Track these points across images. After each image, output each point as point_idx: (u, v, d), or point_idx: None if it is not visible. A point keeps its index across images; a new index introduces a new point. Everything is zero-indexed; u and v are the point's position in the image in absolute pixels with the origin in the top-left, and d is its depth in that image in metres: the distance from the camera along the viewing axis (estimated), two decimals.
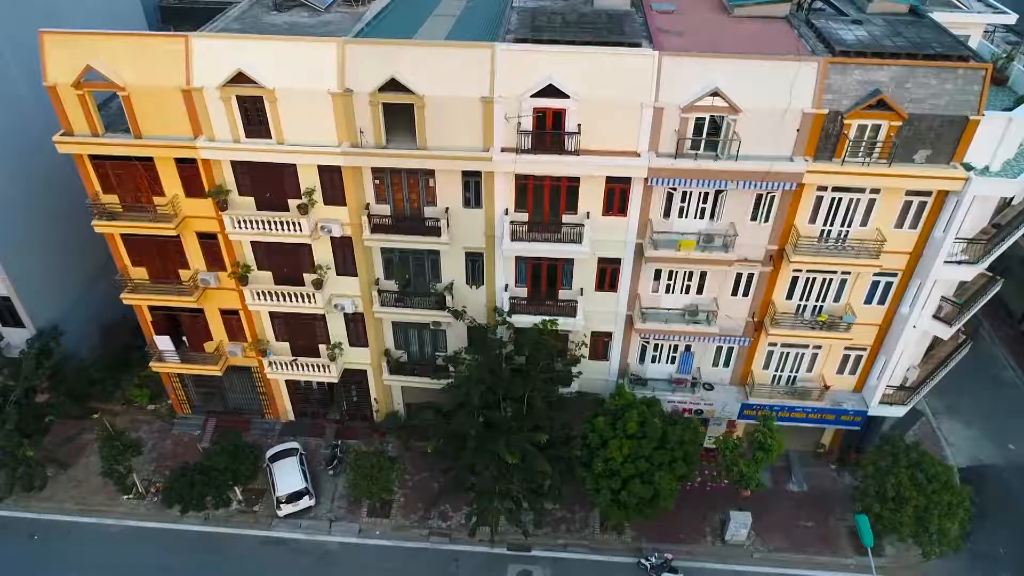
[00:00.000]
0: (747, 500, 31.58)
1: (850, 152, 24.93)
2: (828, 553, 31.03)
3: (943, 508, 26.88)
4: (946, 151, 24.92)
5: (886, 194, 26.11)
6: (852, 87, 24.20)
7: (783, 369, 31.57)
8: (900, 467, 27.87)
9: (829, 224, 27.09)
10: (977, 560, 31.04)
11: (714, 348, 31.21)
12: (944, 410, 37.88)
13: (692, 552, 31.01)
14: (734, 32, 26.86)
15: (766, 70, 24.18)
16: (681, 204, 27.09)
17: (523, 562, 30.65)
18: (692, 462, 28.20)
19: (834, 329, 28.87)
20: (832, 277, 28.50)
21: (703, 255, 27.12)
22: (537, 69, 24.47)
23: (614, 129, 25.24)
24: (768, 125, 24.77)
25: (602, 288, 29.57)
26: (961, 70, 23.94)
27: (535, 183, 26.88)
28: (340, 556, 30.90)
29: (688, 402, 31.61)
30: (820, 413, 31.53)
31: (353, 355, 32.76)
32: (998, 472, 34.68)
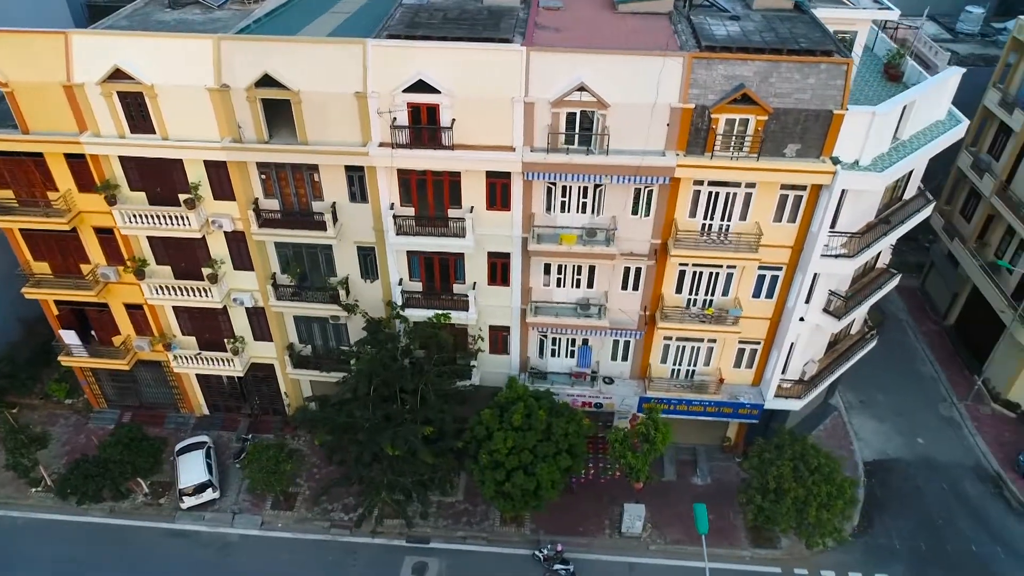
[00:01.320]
0: (641, 492, 31.82)
1: (720, 146, 25.19)
2: (725, 545, 31.25)
3: (822, 500, 27.07)
4: (815, 145, 25.16)
5: (761, 188, 26.37)
6: (718, 82, 24.45)
7: (681, 363, 31.84)
8: (783, 460, 28.07)
9: (709, 218, 27.34)
10: (872, 552, 31.27)
11: (611, 342, 31.48)
12: (858, 405, 38.13)
13: (590, 545, 31.26)
14: (614, 28, 27.13)
15: (632, 65, 24.43)
16: (562, 199, 27.35)
17: (421, 554, 30.91)
18: (577, 454, 28.42)
19: (722, 323, 29.11)
20: (718, 271, 28.74)
21: (585, 249, 27.35)
22: (408, 65, 24.75)
23: (488, 124, 25.51)
24: (638, 120, 25.03)
25: (494, 282, 29.84)
26: (824, 65, 24.18)
27: (418, 178, 27.17)
28: (240, 548, 31.19)
29: (587, 396, 31.88)
30: (718, 407, 31.75)
31: (259, 349, 33.10)
32: (903, 466, 34.89)
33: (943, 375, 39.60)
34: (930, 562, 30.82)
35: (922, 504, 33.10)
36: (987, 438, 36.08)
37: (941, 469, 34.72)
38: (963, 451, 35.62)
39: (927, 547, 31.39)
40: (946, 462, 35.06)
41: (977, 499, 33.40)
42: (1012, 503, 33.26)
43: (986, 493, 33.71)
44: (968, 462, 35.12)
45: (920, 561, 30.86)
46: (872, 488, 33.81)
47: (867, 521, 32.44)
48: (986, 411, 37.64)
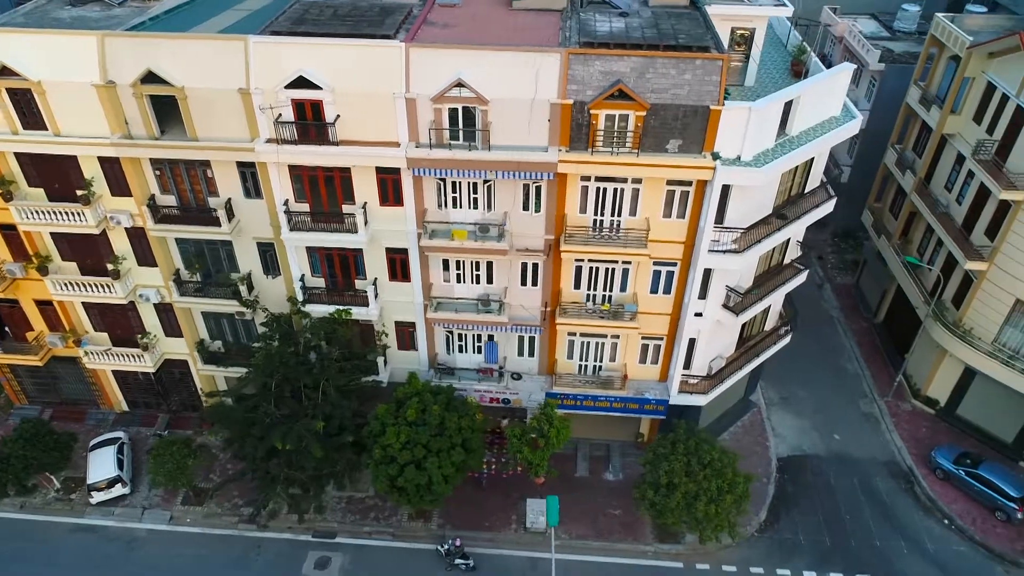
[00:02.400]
0: (543, 486, 31.96)
1: (603, 142, 25.32)
2: (630, 540, 31.37)
3: (712, 494, 27.16)
4: (696, 141, 25.28)
5: (648, 184, 26.50)
6: (595, 78, 24.57)
7: (587, 359, 31.94)
8: (677, 455, 28.17)
9: (599, 214, 27.46)
10: (776, 547, 31.40)
11: (516, 338, 31.62)
12: (780, 401, 38.24)
13: (495, 540, 31.39)
14: (504, 25, 27.24)
15: (509, 61, 24.55)
16: (454, 194, 27.48)
17: (325, 549, 31.06)
18: (471, 449, 28.54)
19: (620, 319, 29.23)
20: (614, 267, 28.87)
21: (477, 245, 27.46)
22: (290, 61, 24.89)
23: (373, 120, 25.64)
24: (519, 115, 25.17)
25: (395, 278, 29.97)
26: (699, 61, 24.31)
27: (310, 174, 27.31)
28: (147, 543, 31.35)
29: (495, 392, 32.01)
30: (624, 402, 31.87)
31: (171, 345, 33.26)
32: (817, 462, 34.99)
33: (867, 372, 39.71)
34: (832, 557, 30.92)
35: (831, 500, 33.20)
36: (904, 434, 36.17)
37: (854, 465, 34.83)
38: (879, 447, 35.72)
39: (831, 542, 31.51)
40: (860, 458, 35.17)
41: (887, 494, 33.50)
42: (921, 498, 33.36)
43: (896, 489, 33.81)
44: (882, 458, 35.22)
45: (822, 556, 30.96)
46: (783, 484, 33.92)
47: (774, 516, 32.55)
48: (906, 407, 37.74)
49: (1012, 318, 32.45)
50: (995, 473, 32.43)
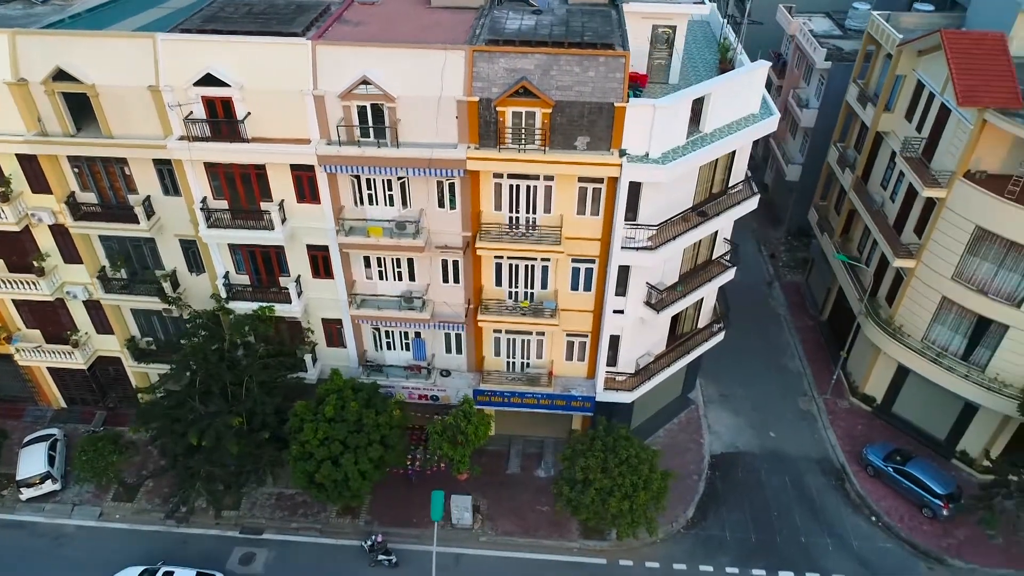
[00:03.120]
0: (466, 482, 32.10)
1: (512, 139, 25.41)
2: (556, 537, 31.45)
3: (626, 490, 27.24)
4: (604, 138, 25.36)
5: (560, 181, 26.58)
6: (500, 75, 24.66)
7: (514, 356, 32.02)
8: (594, 451, 28.26)
9: (514, 211, 27.55)
10: (701, 544, 31.48)
11: (442, 335, 31.71)
12: (719, 398, 38.30)
13: (420, 536, 31.45)
14: (418, 23, 27.33)
15: (414, 58, 24.65)
16: (369, 191, 27.58)
17: (251, 545, 31.18)
18: (390, 445, 28.65)
19: (540, 316, 29.30)
20: (533, 264, 28.95)
21: (393, 241, 27.56)
22: (198, 59, 24.99)
23: (284, 117, 25.75)
24: (428, 112, 25.26)
25: (319, 275, 30.08)
26: (602, 58, 24.40)
27: (226, 171, 27.42)
28: (75, 539, 31.47)
29: (422, 388, 32.12)
30: (551, 399, 31.94)
31: (103, 342, 33.40)
32: (750, 459, 35.06)
33: (809, 369, 39.76)
34: (757, 554, 31.00)
35: (761, 497, 33.27)
36: (839, 431, 36.24)
37: (788, 462, 34.90)
38: (813, 444, 35.78)
39: (757, 539, 31.59)
40: (794, 455, 35.24)
41: (817, 491, 33.57)
42: (851, 495, 33.43)
43: (827, 486, 33.88)
44: (816, 455, 35.28)
45: (747, 553, 31.04)
46: (713, 481, 33.99)
47: (702, 513, 32.62)
48: (844, 405, 37.81)
49: (940, 316, 32.50)
50: (922, 470, 32.48)
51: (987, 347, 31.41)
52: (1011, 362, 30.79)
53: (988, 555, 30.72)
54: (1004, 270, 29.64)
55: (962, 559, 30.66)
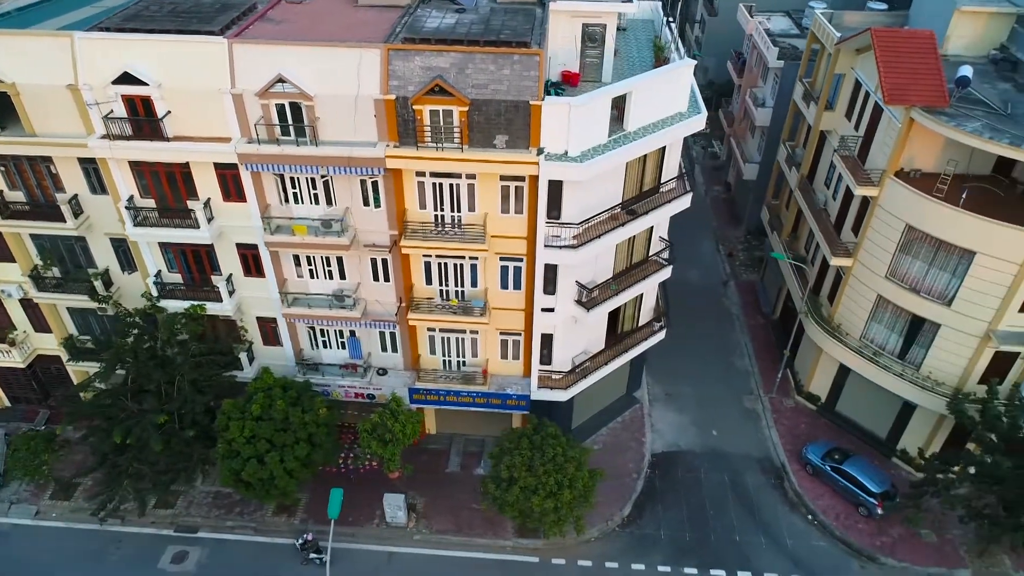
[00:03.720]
0: (406, 481, 32.11)
1: (431, 137, 25.43)
2: (490, 535, 31.45)
3: (550, 489, 27.25)
4: (522, 136, 25.38)
5: (482, 179, 26.59)
6: (416, 73, 24.68)
7: (449, 354, 32.05)
8: (521, 450, 28.28)
9: (439, 209, 27.57)
10: (635, 542, 31.46)
11: (377, 333, 31.73)
12: (664, 397, 38.28)
13: (355, 534, 31.47)
14: (343, 21, 27.34)
15: (330, 57, 24.68)
16: (294, 190, 27.61)
17: (184, 543, 31.19)
18: (318, 444, 28.68)
19: (470, 314, 29.31)
20: (462, 262, 28.97)
21: (318, 240, 27.58)
22: (117, 57, 25.03)
23: (205, 115, 25.78)
24: (346, 111, 25.29)
25: (250, 274, 30.10)
26: (517, 56, 24.43)
27: (151, 170, 27.45)
28: (9, 537, 31.47)
29: (358, 387, 32.15)
30: (487, 398, 31.96)
31: (42, 341, 33.45)
32: (691, 457, 35.03)
33: (757, 368, 39.74)
34: (690, 552, 31.00)
35: (698, 495, 33.25)
36: (782, 430, 36.24)
37: (728, 460, 34.89)
38: (755, 443, 35.77)
39: (691, 537, 31.57)
40: (735, 453, 35.23)
41: (755, 490, 33.56)
42: (789, 494, 33.43)
43: (766, 484, 33.87)
44: (757, 454, 35.27)
45: (680, 552, 31.04)
46: (652, 479, 33.98)
47: (638, 512, 32.61)
48: (789, 404, 37.81)
49: (876, 314, 32.50)
50: (859, 469, 32.47)
51: (922, 346, 31.41)
52: (944, 360, 30.78)
53: (921, 553, 30.71)
54: (935, 268, 29.62)
55: (894, 557, 30.65)
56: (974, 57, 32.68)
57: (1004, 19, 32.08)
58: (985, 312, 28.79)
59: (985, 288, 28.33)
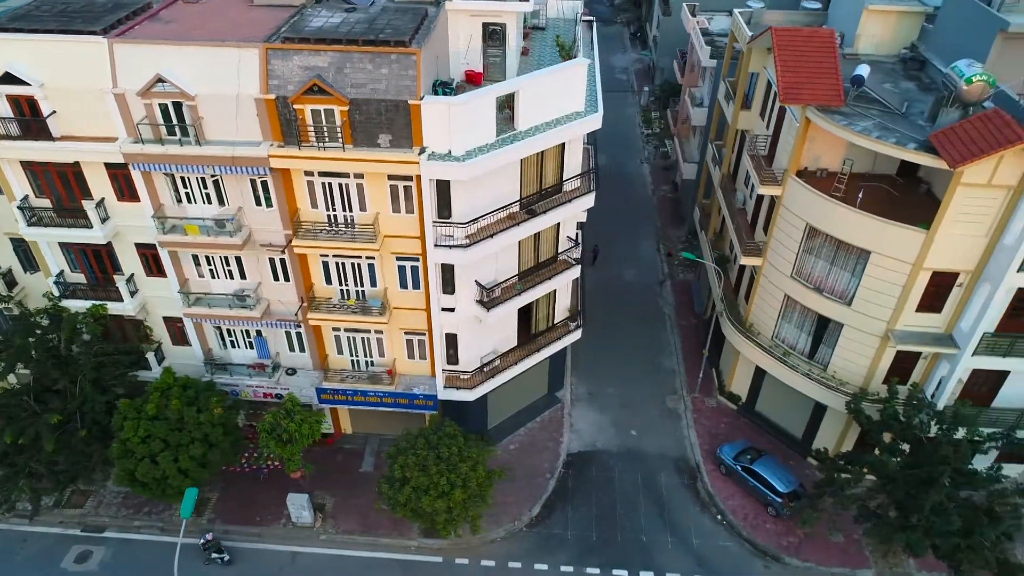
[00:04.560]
0: (317, 480, 32.03)
1: (315, 136, 25.40)
2: (396, 535, 31.43)
3: (442, 489, 27.20)
4: (405, 135, 25.34)
5: (370, 179, 26.57)
6: (295, 73, 24.66)
7: (356, 354, 32.03)
8: (417, 449, 28.25)
9: (331, 209, 27.55)
10: (541, 542, 31.42)
11: (283, 333, 31.71)
12: (587, 397, 38.22)
13: (262, 534, 31.50)
14: (234, 21, 27.20)
15: (209, 56, 24.66)
16: (186, 190, 27.60)
17: (90, 543, 31.19)
18: (214, 444, 28.66)
19: (368, 314, 29.29)
20: (359, 262, 28.96)
21: (211, 240, 27.57)
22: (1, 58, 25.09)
23: (92, 115, 25.76)
24: (229, 110, 25.27)
25: (152, 273, 30.10)
26: (394, 55, 24.40)
27: (43, 169, 27.44)
28: None
29: (266, 387, 32.13)
30: (394, 397, 31.95)
31: None
32: (606, 457, 34.97)
33: (683, 368, 39.66)
34: (594, 552, 30.95)
35: (610, 495, 33.21)
36: (701, 430, 36.18)
37: (644, 460, 34.84)
38: (673, 443, 35.71)
39: (597, 537, 31.53)
40: (652, 453, 35.17)
41: (668, 490, 33.51)
42: (701, 494, 33.38)
43: (679, 484, 33.82)
44: (674, 453, 35.22)
45: (585, 551, 30.99)
46: (565, 479, 33.93)
47: (547, 511, 32.56)
48: (712, 403, 37.76)
49: (786, 314, 32.45)
50: (768, 469, 32.44)
51: (828, 345, 31.37)
52: (848, 360, 30.74)
53: (826, 554, 30.66)
54: (836, 268, 29.58)
55: (799, 558, 30.61)
56: (886, 56, 32.66)
57: (914, 18, 32.01)
58: (883, 312, 28.73)
59: (881, 288, 28.28)
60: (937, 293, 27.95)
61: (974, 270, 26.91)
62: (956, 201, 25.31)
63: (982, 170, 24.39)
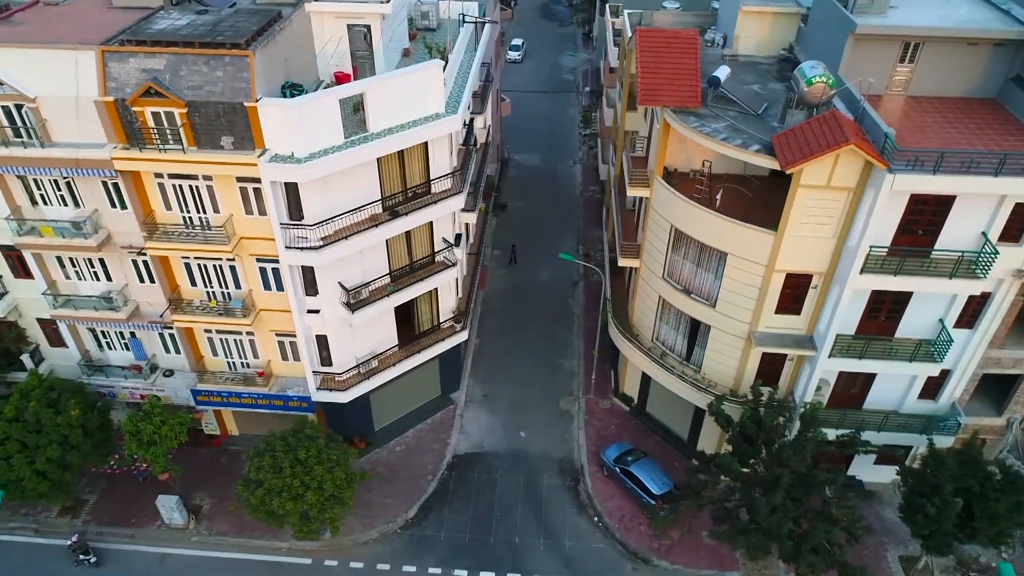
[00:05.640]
0: (171, 482, 31.92)
1: (158, 139, 25.39)
2: (269, 536, 31.40)
3: (295, 491, 27.18)
4: (247, 137, 25.32)
5: (219, 181, 26.55)
6: (132, 75, 24.66)
7: (231, 356, 32.03)
8: (275, 451, 28.20)
9: (186, 211, 27.54)
10: (413, 544, 31.40)
11: (157, 335, 31.72)
12: (482, 398, 38.15)
13: (135, 536, 31.51)
14: (88, 22, 27.07)
15: (46, 58, 24.65)
16: (40, 192, 27.61)
17: None
18: (74, 445, 28.66)
19: (231, 315, 29.28)
20: (220, 264, 28.95)
21: (65, 241, 27.58)
22: None
23: None
24: (71, 113, 25.27)
25: (20, 275, 30.12)
26: (228, 58, 24.39)
27: None
28: None
29: (142, 388, 32.13)
30: (268, 399, 31.94)
31: None
32: (492, 459, 34.92)
33: (582, 369, 39.59)
34: (464, 554, 30.92)
35: (490, 497, 33.16)
36: (591, 432, 36.12)
37: (529, 462, 34.79)
38: (561, 444, 35.66)
39: (471, 539, 31.50)
40: (538, 455, 35.12)
41: (549, 492, 33.46)
42: (581, 496, 33.32)
43: (561, 486, 33.77)
44: (560, 455, 35.17)
45: (455, 553, 30.96)
46: (447, 481, 33.88)
47: (424, 513, 32.53)
48: (606, 405, 37.70)
49: (663, 316, 32.40)
50: (644, 470, 32.40)
51: (702, 347, 31.30)
52: (718, 362, 30.71)
53: (696, 556, 30.62)
54: (701, 270, 29.51)
55: (668, 560, 30.57)
56: (765, 57, 32.57)
57: (789, 19, 31.91)
58: (744, 313, 28.68)
59: (740, 289, 28.22)
60: (794, 295, 27.88)
61: (826, 272, 26.84)
62: (799, 203, 25.24)
63: (819, 172, 24.32)
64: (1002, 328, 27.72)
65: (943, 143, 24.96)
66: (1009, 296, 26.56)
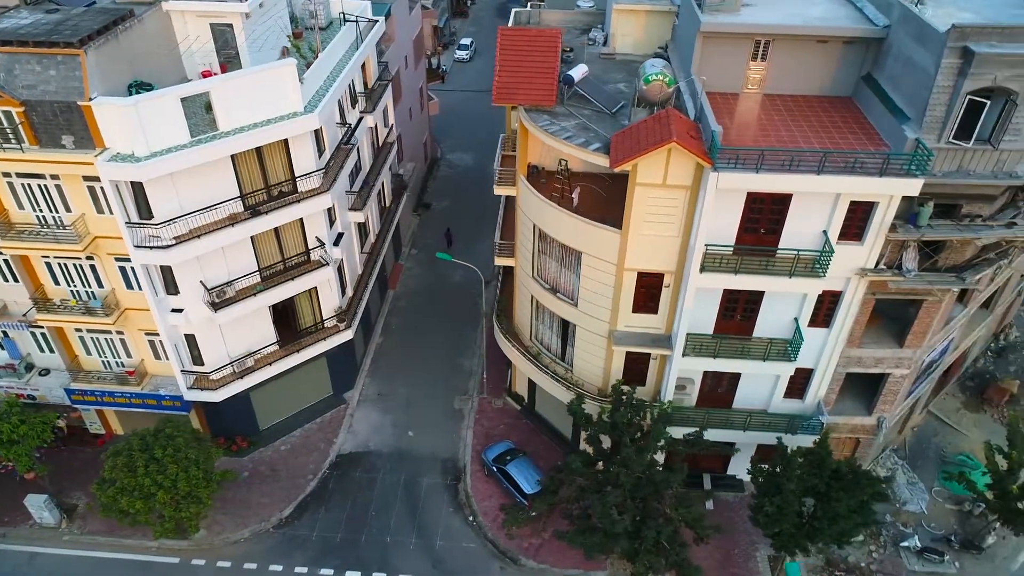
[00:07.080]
0: (39, 482, 31.96)
1: (12, 137, 25.42)
2: (139, 536, 31.34)
3: (146, 491, 27.17)
4: (87, 136, 25.32)
5: (66, 180, 26.56)
6: None
7: (104, 355, 32.04)
8: (133, 451, 28.17)
9: (38, 210, 27.54)
10: (284, 543, 31.35)
11: (28, 335, 31.71)
12: (375, 397, 38.09)
13: (6, 535, 31.53)
14: None
15: None
16: None
17: None
18: None
19: (93, 315, 29.29)
20: (80, 263, 28.95)
21: None
22: None
23: None
24: None
25: None
26: (60, 57, 24.39)
27: None
28: None
29: (16, 388, 32.13)
30: (142, 399, 31.95)
31: None
32: (375, 458, 34.84)
33: (481, 369, 39.52)
34: (333, 553, 30.88)
35: (368, 496, 33.11)
36: (480, 431, 36.07)
37: (413, 461, 34.72)
38: (448, 444, 35.59)
39: (341, 538, 31.46)
40: (423, 454, 35.06)
41: (428, 491, 33.41)
42: (460, 495, 33.27)
43: (441, 486, 33.72)
44: (445, 454, 35.10)
45: (324, 553, 30.93)
46: (327, 480, 33.83)
47: (299, 513, 32.48)
48: (499, 404, 37.65)
49: (538, 315, 32.36)
50: (519, 469, 32.39)
51: (572, 346, 31.24)
52: (585, 361, 30.68)
53: (564, 556, 30.51)
54: (564, 269, 29.46)
55: (536, 559, 30.53)
56: (642, 56, 32.44)
57: (663, 17, 31.78)
58: (604, 312, 28.62)
59: (597, 288, 28.18)
60: (649, 294, 27.83)
61: (676, 271, 26.77)
62: (638, 202, 25.17)
63: (653, 170, 24.26)
64: (857, 327, 27.62)
65: (782, 142, 24.87)
66: (859, 295, 26.46)
